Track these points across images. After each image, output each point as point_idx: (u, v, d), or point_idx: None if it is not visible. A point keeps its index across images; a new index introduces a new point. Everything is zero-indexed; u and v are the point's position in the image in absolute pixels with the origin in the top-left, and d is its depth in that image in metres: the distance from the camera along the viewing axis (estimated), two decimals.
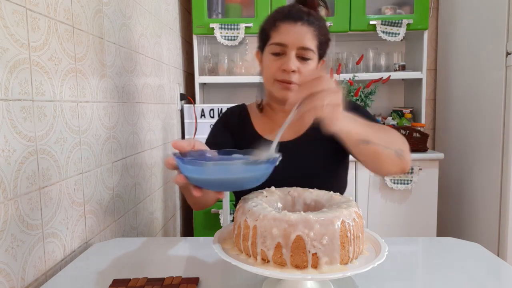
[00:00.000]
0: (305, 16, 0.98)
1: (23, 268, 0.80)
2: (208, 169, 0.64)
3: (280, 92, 1.01)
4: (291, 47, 0.97)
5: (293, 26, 0.97)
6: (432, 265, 0.86)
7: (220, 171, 0.64)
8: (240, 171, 0.64)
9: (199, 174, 0.64)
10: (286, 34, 0.97)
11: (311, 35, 0.98)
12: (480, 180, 2.05)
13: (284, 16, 0.99)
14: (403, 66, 2.35)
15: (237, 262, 0.62)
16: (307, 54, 0.98)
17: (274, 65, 1.00)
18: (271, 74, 1.01)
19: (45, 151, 0.88)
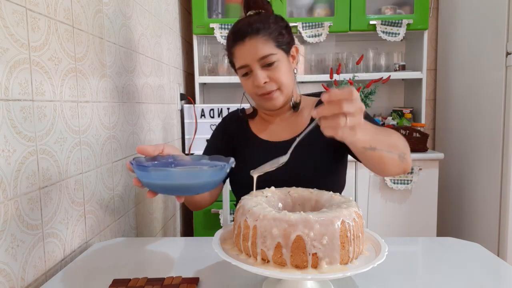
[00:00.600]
0: (249, 28, 0.99)
1: (23, 268, 0.80)
2: (150, 175, 0.69)
3: (267, 104, 1.05)
4: (252, 64, 1.00)
5: (243, 45, 0.99)
6: (432, 265, 0.86)
7: (160, 177, 0.69)
8: (179, 177, 0.69)
9: (144, 178, 0.70)
10: (242, 56, 1.00)
11: (262, 42, 0.99)
12: (480, 180, 2.05)
13: (233, 39, 1.01)
14: (403, 66, 2.35)
15: (237, 262, 0.62)
16: (269, 59, 0.99)
17: (248, 85, 1.04)
18: (251, 93, 1.05)
19: (45, 151, 0.88)
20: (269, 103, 1.04)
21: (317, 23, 2.21)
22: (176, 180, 0.68)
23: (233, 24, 1.06)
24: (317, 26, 2.21)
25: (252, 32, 0.99)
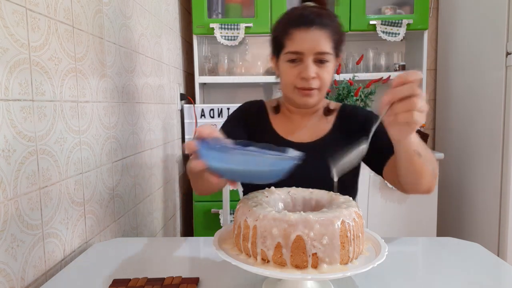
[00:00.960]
0: (317, 19, 0.95)
1: (23, 268, 0.80)
2: (234, 158, 0.63)
3: (301, 99, 1.01)
4: (307, 54, 0.95)
5: (307, 32, 0.95)
6: (432, 265, 0.86)
7: (245, 162, 0.63)
8: (266, 163, 0.64)
9: (222, 162, 0.63)
10: (301, 42, 0.95)
11: (325, 38, 0.96)
12: (480, 180, 2.05)
13: (296, 22, 0.96)
14: (403, 66, 2.35)
15: (237, 262, 0.62)
16: (324, 57, 0.96)
17: (292, 73, 0.98)
18: (290, 82, 0.99)
19: (45, 151, 0.88)
20: (304, 99, 1.00)
21: None
22: (259, 166, 0.63)
23: (293, 7, 1.01)
24: None
25: (320, 24, 0.95)
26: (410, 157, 0.81)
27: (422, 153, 0.81)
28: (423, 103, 0.69)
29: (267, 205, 0.69)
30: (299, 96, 1.00)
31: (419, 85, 0.68)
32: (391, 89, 0.69)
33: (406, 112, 0.68)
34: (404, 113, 0.69)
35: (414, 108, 0.68)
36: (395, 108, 0.69)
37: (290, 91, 1.02)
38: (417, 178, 0.86)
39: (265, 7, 2.19)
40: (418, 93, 0.68)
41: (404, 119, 0.69)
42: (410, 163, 0.83)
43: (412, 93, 0.68)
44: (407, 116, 0.69)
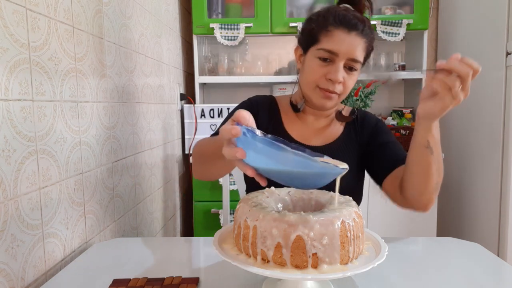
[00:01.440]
0: (360, 25, 0.92)
1: (23, 268, 0.80)
2: (282, 156, 0.55)
3: (320, 100, 0.97)
4: (341, 57, 0.92)
5: (347, 35, 0.91)
6: (432, 265, 0.86)
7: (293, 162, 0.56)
8: (314, 169, 0.57)
9: (267, 156, 0.56)
10: (339, 43, 0.91)
11: (362, 47, 0.93)
12: (480, 180, 2.05)
13: (339, 21, 0.92)
14: (403, 66, 2.35)
15: (237, 262, 0.62)
16: (355, 65, 0.94)
17: (319, 72, 0.94)
18: (314, 80, 0.96)
19: (45, 151, 0.88)
20: (323, 100, 0.97)
21: None
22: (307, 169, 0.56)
23: (333, 5, 0.98)
24: None
25: (361, 30, 0.92)
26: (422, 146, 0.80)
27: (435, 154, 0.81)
28: (462, 94, 0.70)
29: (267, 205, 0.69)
30: (318, 96, 0.97)
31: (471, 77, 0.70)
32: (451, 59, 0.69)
33: (443, 83, 0.68)
34: (441, 82, 0.69)
35: (452, 85, 0.68)
36: (438, 74, 0.69)
37: (311, 89, 0.98)
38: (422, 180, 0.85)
39: (265, 7, 2.19)
40: (466, 80, 0.69)
41: (437, 86, 0.69)
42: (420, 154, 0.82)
43: (463, 74, 0.69)
44: (441, 86, 0.69)
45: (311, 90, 0.98)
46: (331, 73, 0.93)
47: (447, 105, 0.71)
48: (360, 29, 0.92)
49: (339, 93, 0.96)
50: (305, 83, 0.99)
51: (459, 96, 0.70)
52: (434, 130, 0.78)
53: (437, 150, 0.81)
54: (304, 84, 1.00)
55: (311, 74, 0.96)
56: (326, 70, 0.94)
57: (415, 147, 0.82)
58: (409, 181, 0.87)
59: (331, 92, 0.95)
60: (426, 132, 0.78)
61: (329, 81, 0.94)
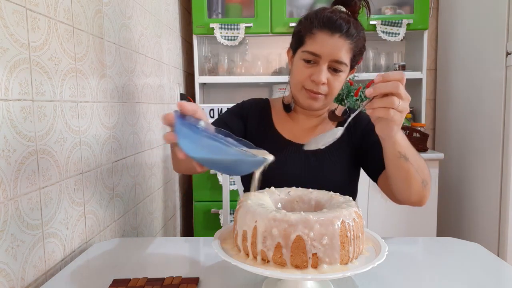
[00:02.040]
0: (345, 26, 0.93)
1: (23, 268, 0.80)
2: (203, 141, 0.64)
3: (306, 101, 0.99)
4: (324, 59, 0.94)
5: (330, 37, 0.93)
6: (432, 265, 0.86)
7: (212, 148, 0.64)
8: (232, 156, 0.65)
9: (192, 141, 0.63)
10: (321, 45, 0.93)
11: (346, 49, 0.94)
12: (480, 180, 2.05)
13: (323, 23, 0.93)
14: (403, 66, 2.35)
15: (237, 262, 0.62)
16: (340, 67, 0.95)
17: (304, 73, 0.97)
18: (300, 81, 0.98)
19: (45, 151, 0.88)
20: (309, 101, 0.99)
21: None
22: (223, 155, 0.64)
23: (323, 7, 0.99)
24: None
25: (345, 33, 0.93)
26: (396, 158, 0.82)
27: (410, 158, 0.82)
28: (404, 103, 0.71)
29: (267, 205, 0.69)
30: (304, 97, 0.99)
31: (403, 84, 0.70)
32: (375, 84, 0.71)
33: (384, 108, 0.70)
34: (382, 109, 0.71)
35: (391, 105, 0.70)
36: (374, 102, 0.71)
37: (298, 90, 1.00)
38: (404, 184, 0.87)
39: (265, 7, 2.19)
40: (400, 92, 0.69)
41: (381, 114, 0.71)
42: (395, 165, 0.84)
43: (394, 91, 0.69)
44: (384, 113, 0.71)
45: (297, 91, 1.00)
46: (314, 74, 0.95)
47: (398, 121, 0.73)
48: (344, 30, 0.93)
49: (324, 94, 0.98)
50: (292, 84, 1.02)
51: (403, 107, 0.72)
52: (400, 140, 0.80)
53: (410, 154, 0.83)
54: (292, 85, 1.03)
55: (297, 75, 0.99)
56: (310, 71, 0.96)
57: (389, 160, 0.85)
58: (395, 188, 0.91)
59: (315, 93, 0.97)
60: (393, 146, 0.81)
61: (313, 82, 0.96)
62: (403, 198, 0.92)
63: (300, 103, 1.03)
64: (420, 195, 0.90)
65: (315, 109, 1.03)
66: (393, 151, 0.81)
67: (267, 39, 2.43)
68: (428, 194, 0.91)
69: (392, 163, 0.84)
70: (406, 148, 0.82)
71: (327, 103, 1.03)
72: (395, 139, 0.79)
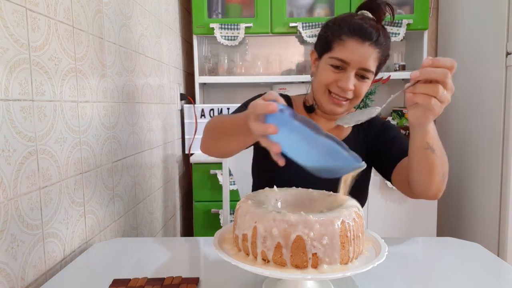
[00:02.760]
0: (375, 35, 0.92)
1: (23, 268, 0.80)
2: (316, 138, 0.55)
3: (330, 106, 0.98)
4: (352, 66, 0.93)
5: (361, 45, 0.92)
6: (432, 265, 0.86)
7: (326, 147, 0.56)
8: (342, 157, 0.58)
9: (301, 135, 0.56)
10: (351, 53, 0.92)
11: (375, 57, 0.94)
12: (480, 180, 2.05)
13: (353, 31, 0.92)
14: (403, 66, 2.35)
15: (237, 262, 0.62)
16: (367, 74, 0.95)
17: (330, 77, 0.95)
18: (326, 84, 0.97)
19: (45, 151, 0.88)
20: (333, 106, 0.98)
21: (317, 23, 2.21)
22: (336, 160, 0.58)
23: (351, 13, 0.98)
24: (317, 26, 2.21)
25: (375, 41, 0.92)
26: (423, 149, 0.80)
27: (437, 151, 0.81)
28: (447, 94, 0.67)
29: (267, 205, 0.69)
30: (329, 101, 0.98)
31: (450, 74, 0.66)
32: (422, 67, 0.66)
33: (426, 96, 0.67)
34: (423, 96, 0.67)
35: (435, 94, 0.66)
36: (417, 87, 0.67)
37: (321, 93, 0.99)
38: (427, 177, 0.85)
39: (265, 7, 2.19)
40: (446, 82, 0.66)
41: (421, 101, 0.67)
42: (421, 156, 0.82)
43: (440, 79, 0.66)
44: (425, 100, 0.67)
45: (321, 94, 0.99)
46: (342, 81, 0.94)
47: (437, 111, 0.70)
48: (374, 39, 0.92)
49: (350, 99, 0.97)
50: (317, 87, 1.00)
51: (446, 98, 0.68)
52: (431, 131, 0.78)
53: (437, 146, 0.81)
54: (315, 88, 1.01)
55: (323, 78, 0.97)
56: (338, 77, 0.95)
57: (416, 150, 0.82)
58: (416, 180, 0.88)
59: (341, 97, 0.96)
60: (423, 135, 0.78)
61: (339, 88, 0.95)
62: (422, 191, 0.89)
63: (323, 107, 1.01)
64: (438, 188, 0.88)
65: (337, 114, 1.02)
66: (421, 141, 0.79)
67: (267, 39, 2.43)
68: (444, 188, 0.90)
69: (418, 153, 0.82)
70: (434, 140, 0.79)
71: (350, 108, 1.03)
72: (427, 129, 0.76)
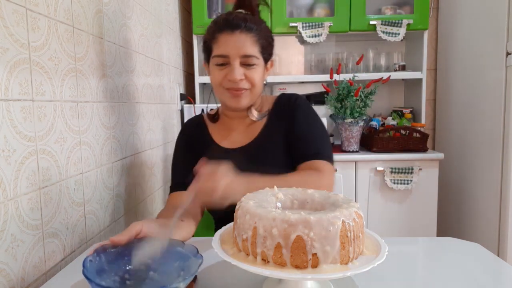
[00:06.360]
0: (242, 23, 0.98)
1: (23, 268, 0.80)
2: None
3: (231, 100, 1.02)
4: (233, 57, 0.98)
5: (231, 35, 0.97)
6: (432, 265, 0.86)
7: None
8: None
9: None
10: (226, 45, 0.98)
11: (251, 42, 0.98)
12: (480, 180, 2.05)
13: (221, 26, 0.99)
14: (403, 66, 2.35)
15: (237, 262, 0.62)
16: (251, 61, 0.99)
17: (220, 75, 1.00)
18: (218, 83, 1.01)
19: (45, 151, 0.88)
20: (235, 100, 1.02)
21: (317, 23, 2.21)
22: None
23: (220, 14, 1.04)
24: (317, 26, 2.21)
25: (245, 28, 0.98)
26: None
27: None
28: None
29: (267, 205, 0.69)
30: (229, 97, 1.02)
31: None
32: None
33: None
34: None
35: None
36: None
37: (220, 93, 1.03)
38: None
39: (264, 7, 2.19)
40: None
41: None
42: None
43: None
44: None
45: (220, 94, 1.04)
46: (229, 74, 0.98)
47: None
48: (243, 26, 0.97)
49: (247, 88, 1.00)
50: (215, 90, 1.05)
51: None
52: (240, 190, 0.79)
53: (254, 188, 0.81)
54: (215, 92, 1.06)
55: (214, 79, 1.02)
56: (225, 72, 1.00)
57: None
58: None
59: (237, 89, 1.00)
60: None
61: (230, 81, 0.99)
62: None
63: (228, 105, 1.05)
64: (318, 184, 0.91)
65: (244, 106, 1.04)
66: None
67: None
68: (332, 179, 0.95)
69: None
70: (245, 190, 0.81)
71: (254, 97, 1.05)
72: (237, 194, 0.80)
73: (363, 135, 2.19)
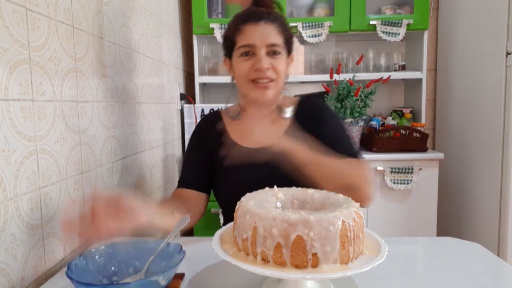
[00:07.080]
0: (266, 15, 1.00)
1: (23, 268, 0.80)
2: None
3: (258, 93, 1.01)
4: (259, 46, 0.98)
5: (257, 25, 0.99)
6: (432, 265, 0.86)
7: None
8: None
9: None
10: (252, 35, 0.98)
11: (276, 32, 1.00)
12: (480, 180, 2.05)
13: (246, 18, 1.00)
14: (403, 66, 2.35)
15: (237, 262, 0.62)
16: (277, 49, 1.00)
17: (245, 66, 1.00)
18: (244, 75, 1.01)
19: (45, 151, 0.88)
20: (260, 92, 1.01)
21: (317, 23, 2.21)
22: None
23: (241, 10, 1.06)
24: (317, 26, 2.21)
25: (269, 18, 1.00)
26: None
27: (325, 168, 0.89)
28: None
29: (267, 205, 0.69)
30: (255, 90, 1.01)
31: None
32: None
33: None
34: None
35: None
36: None
37: (245, 86, 1.02)
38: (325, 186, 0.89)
39: None
40: None
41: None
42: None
43: None
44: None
45: (245, 87, 1.03)
46: (256, 63, 0.98)
47: None
48: (267, 17, 1.00)
49: (273, 78, 1.00)
50: (239, 83, 1.05)
51: None
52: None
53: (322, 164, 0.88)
54: (239, 84, 1.05)
55: (239, 72, 1.02)
56: (251, 62, 0.99)
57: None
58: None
59: (264, 79, 0.99)
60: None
61: (257, 71, 0.99)
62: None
63: (253, 98, 1.04)
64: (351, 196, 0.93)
65: (269, 98, 1.02)
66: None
67: None
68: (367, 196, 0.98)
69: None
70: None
71: (278, 89, 1.04)
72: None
73: (363, 135, 2.19)
